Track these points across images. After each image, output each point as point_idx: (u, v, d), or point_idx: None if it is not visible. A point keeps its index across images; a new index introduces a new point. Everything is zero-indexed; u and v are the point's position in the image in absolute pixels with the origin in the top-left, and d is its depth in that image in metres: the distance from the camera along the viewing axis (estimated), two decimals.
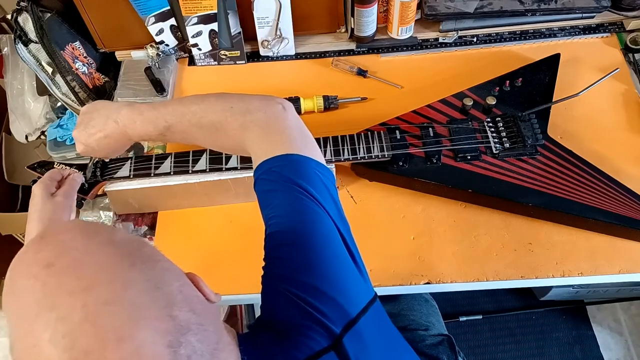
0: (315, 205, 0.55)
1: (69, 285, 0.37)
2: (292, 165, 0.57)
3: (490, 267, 0.79)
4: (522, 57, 1.00)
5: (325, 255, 0.53)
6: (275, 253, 0.55)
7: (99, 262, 0.39)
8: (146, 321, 0.37)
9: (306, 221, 0.54)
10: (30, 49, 0.93)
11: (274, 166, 0.57)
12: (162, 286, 0.41)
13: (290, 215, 0.55)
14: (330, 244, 0.54)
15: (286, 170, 0.56)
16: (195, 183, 0.81)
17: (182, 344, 0.38)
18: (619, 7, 1.01)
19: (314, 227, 0.54)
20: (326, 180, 0.58)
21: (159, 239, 0.85)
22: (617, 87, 0.95)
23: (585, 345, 1.46)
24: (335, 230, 0.55)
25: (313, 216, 0.54)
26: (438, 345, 0.86)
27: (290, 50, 1.03)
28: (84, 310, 0.36)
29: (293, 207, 0.55)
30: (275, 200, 0.57)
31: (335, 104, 0.95)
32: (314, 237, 0.53)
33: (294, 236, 0.54)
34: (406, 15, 0.97)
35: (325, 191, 0.57)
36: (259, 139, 0.60)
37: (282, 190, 0.56)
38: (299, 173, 0.56)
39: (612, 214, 0.77)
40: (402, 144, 0.82)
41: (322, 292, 0.50)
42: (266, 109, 0.61)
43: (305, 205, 0.55)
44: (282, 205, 0.56)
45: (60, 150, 1.00)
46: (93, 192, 0.82)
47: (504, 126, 0.85)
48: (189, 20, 0.96)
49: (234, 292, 0.79)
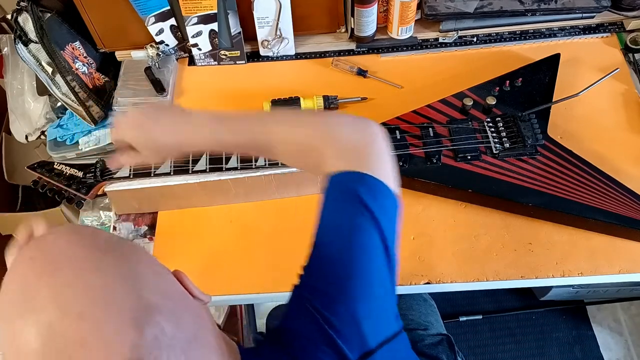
0: (372, 228, 0.53)
1: (40, 269, 0.39)
2: (367, 184, 0.55)
3: (490, 267, 0.79)
4: (522, 57, 1.00)
5: (364, 280, 0.51)
6: (314, 264, 0.54)
7: (73, 251, 0.40)
8: (110, 299, 0.38)
9: (357, 241, 0.52)
10: (30, 49, 0.93)
11: (349, 179, 0.56)
12: (134, 274, 0.41)
13: (343, 230, 0.53)
14: (374, 270, 0.52)
15: (359, 186, 0.55)
16: (195, 183, 0.81)
17: (149, 324, 0.38)
18: (619, 7, 1.01)
19: (363, 249, 0.52)
20: (393, 210, 0.56)
21: (159, 239, 0.85)
22: (617, 87, 0.95)
23: (585, 345, 1.46)
24: (383, 256, 0.53)
25: (366, 238, 0.52)
26: (437, 345, 0.86)
27: (290, 50, 1.03)
28: (49, 291, 0.37)
29: (349, 222, 0.53)
30: (333, 212, 0.55)
31: (335, 104, 0.95)
32: (359, 258, 0.52)
33: (339, 252, 0.52)
34: (406, 15, 0.97)
35: (388, 219, 0.55)
36: (342, 154, 0.58)
37: (345, 202, 0.55)
38: (371, 193, 0.55)
39: (612, 214, 0.77)
40: (402, 144, 0.82)
41: (349, 315, 0.49)
42: (362, 130, 0.60)
43: (361, 225, 0.53)
44: (338, 218, 0.55)
45: (60, 150, 1.00)
46: (93, 192, 0.82)
47: (504, 126, 0.85)
48: (189, 20, 0.96)
49: (233, 292, 0.79)
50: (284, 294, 0.80)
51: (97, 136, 1.00)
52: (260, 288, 0.79)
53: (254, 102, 0.96)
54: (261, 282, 0.79)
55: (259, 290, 0.79)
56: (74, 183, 0.81)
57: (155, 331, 0.38)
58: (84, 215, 1.06)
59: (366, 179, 0.55)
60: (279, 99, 0.95)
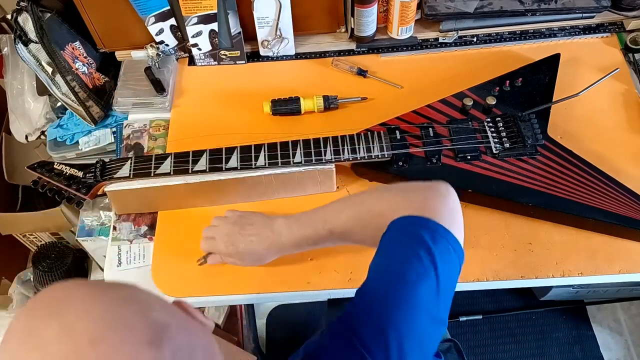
0: (430, 273, 0.53)
1: (47, 310, 0.38)
2: (431, 228, 0.56)
3: (490, 267, 0.79)
4: (522, 57, 1.00)
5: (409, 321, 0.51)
6: (363, 302, 0.54)
7: (78, 290, 0.40)
8: (122, 324, 0.37)
9: (408, 282, 0.52)
10: (30, 49, 0.93)
11: (412, 223, 0.56)
12: (138, 299, 0.41)
13: (397, 270, 0.53)
14: (421, 311, 0.52)
15: (422, 229, 0.55)
16: (195, 183, 0.81)
17: (164, 341, 0.38)
18: (619, 7, 1.01)
19: (414, 291, 0.52)
20: (455, 260, 0.56)
21: (159, 239, 0.85)
22: (617, 87, 0.95)
23: (585, 345, 1.46)
24: (433, 300, 0.52)
25: (419, 283, 0.52)
26: (447, 352, 0.86)
27: (290, 50, 1.03)
28: (59, 326, 0.36)
29: (405, 265, 0.53)
30: (391, 252, 0.56)
31: (335, 104, 0.95)
32: (408, 301, 0.51)
33: (386, 293, 0.52)
34: (406, 15, 0.97)
35: (448, 267, 0.55)
36: (408, 205, 0.60)
37: (404, 242, 0.55)
38: (433, 237, 0.55)
39: (612, 214, 0.77)
40: (402, 144, 0.82)
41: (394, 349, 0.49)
42: (431, 187, 0.62)
43: (416, 268, 0.53)
44: (394, 257, 0.55)
45: (60, 150, 1.01)
46: (93, 192, 0.82)
47: (504, 126, 0.85)
48: (189, 20, 0.96)
49: (233, 292, 0.79)
50: (284, 294, 0.80)
51: (97, 136, 1.00)
52: (260, 288, 0.79)
53: (254, 102, 0.97)
54: (261, 282, 0.79)
55: (259, 290, 0.79)
56: (74, 183, 0.81)
57: (172, 347, 0.38)
58: (84, 215, 1.06)
59: (430, 224, 0.55)
60: (279, 99, 0.95)
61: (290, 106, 0.94)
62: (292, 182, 0.83)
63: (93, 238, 1.06)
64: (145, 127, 0.97)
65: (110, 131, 1.00)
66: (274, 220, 0.71)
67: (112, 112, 1.02)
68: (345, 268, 0.79)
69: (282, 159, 0.80)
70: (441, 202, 0.60)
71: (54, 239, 1.37)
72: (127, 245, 0.85)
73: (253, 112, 0.96)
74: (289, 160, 0.80)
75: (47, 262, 1.28)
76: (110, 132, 1.00)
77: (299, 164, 0.80)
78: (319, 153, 0.81)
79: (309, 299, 0.81)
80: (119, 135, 0.97)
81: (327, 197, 0.86)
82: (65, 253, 1.30)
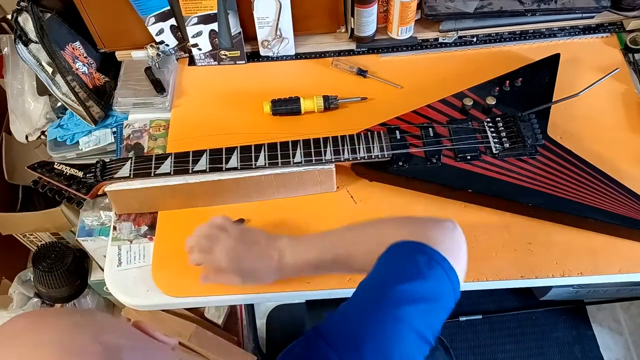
0: (416, 294, 0.52)
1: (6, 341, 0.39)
2: (428, 254, 0.55)
3: (490, 267, 0.79)
4: (522, 57, 1.00)
5: (380, 339, 0.50)
6: (345, 314, 0.54)
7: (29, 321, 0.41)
8: (72, 350, 0.38)
9: (395, 300, 0.51)
10: (30, 49, 0.93)
11: (412, 246, 0.56)
12: (90, 322, 0.42)
13: (384, 286, 0.53)
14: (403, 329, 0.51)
15: (419, 253, 0.55)
16: (195, 183, 0.81)
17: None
18: (619, 7, 1.01)
19: (398, 309, 0.51)
20: (448, 286, 0.55)
21: (159, 239, 0.85)
22: (617, 87, 0.95)
23: (585, 345, 1.46)
24: (418, 320, 0.52)
25: (405, 303, 0.51)
26: (434, 351, 0.86)
27: (290, 50, 1.03)
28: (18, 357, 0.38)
29: (395, 284, 0.52)
30: (383, 269, 0.55)
31: (335, 104, 0.95)
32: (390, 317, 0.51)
33: (369, 308, 0.52)
34: (406, 15, 0.97)
35: (439, 293, 0.54)
36: (411, 233, 0.59)
37: (399, 263, 0.54)
38: (429, 263, 0.54)
39: (612, 214, 0.77)
40: (402, 144, 0.82)
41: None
42: (435, 223, 0.62)
43: (406, 288, 0.52)
44: (385, 275, 0.54)
45: (61, 150, 1.01)
46: (93, 192, 0.82)
47: (503, 126, 0.85)
48: (189, 20, 0.96)
49: (233, 292, 0.79)
50: (284, 294, 0.80)
51: (97, 136, 1.00)
52: (260, 288, 0.79)
53: (254, 102, 0.97)
54: None
55: (259, 290, 0.79)
56: (74, 183, 0.81)
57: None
58: (84, 215, 1.06)
59: (427, 249, 0.55)
60: (279, 99, 0.95)
61: (290, 106, 0.94)
62: (292, 182, 0.83)
63: (93, 238, 1.06)
64: (146, 127, 0.97)
65: (110, 131, 1.00)
66: (278, 240, 0.70)
67: (112, 112, 1.02)
68: None
69: (282, 159, 0.80)
70: (444, 234, 0.60)
71: (54, 239, 1.37)
72: (127, 245, 0.85)
73: (253, 112, 0.96)
74: (289, 160, 0.80)
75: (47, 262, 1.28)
76: (111, 132, 1.00)
77: (299, 164, 0.80)
78: (319, 153, 0.81)
79: (309, 299, 0.81)
80: (119, 135, 0.98)
81: (327, 197, 0.86)
82: (65, 253, 1.30)
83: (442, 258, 0.56)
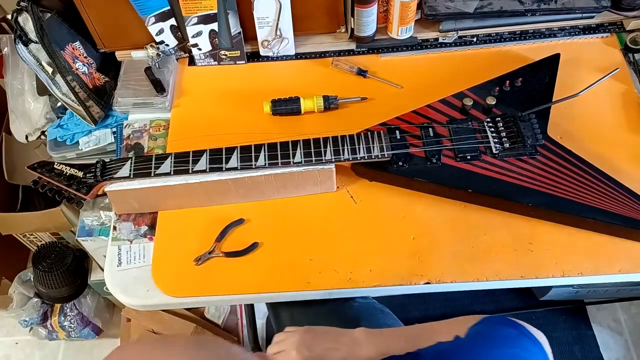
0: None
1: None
2: (517, 327, 0.59)
3: (490, 267, 0.79)
4: (522, 57, 1.00)
5: None
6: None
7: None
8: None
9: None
10: (30, 49, 0.93)
11: (501, 321, 0.61)
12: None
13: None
14: None
15: (508, 327, 0.59)
16: (195, 183, 0.81)
17: None
18: (619, 7, 1.01)
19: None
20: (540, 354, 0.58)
21: (159, 239, 0.85)
22: (617, 87, 0.95)
23: (585, 345, 1.46)
24: None
25: None
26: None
27: (290, 50, 1.03)
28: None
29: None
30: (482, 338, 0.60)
31: (335, 104, 0.95)
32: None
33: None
34: (406, 15, 0.97)
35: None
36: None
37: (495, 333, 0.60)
38: (519, 335, 0.58)
39: (613, 214, 0.77)
40: (402, 144, 0.82)
41: None
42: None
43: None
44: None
45: (60, 150, 1.01)
46: (93, 192, 0.82)
47: (503, 126, 0.85)
48: (189, 20, 0.96)
49: (234, 292, 0.79)
50: (284, 294, 0.80)
51: (97, 136, 1.00)
52: (260, 288, 0.79)
53: (254, 102, 0.97)
54: (261, 282, 0.79)
55: (259, 290, 0.79)
56: (74, 183, 0.81)
57: None
58: (84, 215, 1.06)
59: (517, 324, 0.59)
60: (279, 99, 0.95)
61: (290, 106, 0.94)
62: (292, 182, 0.83)
63: (93, 238, 1.06)
64: (146, 127, 0.97)
65: (110, 131, 1.00)
66: (350, 330, 0.69)
67: (112, 112, 1.02)
68: (345, 268, 0.79)
69: (282, 159, 0.80)
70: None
71: (54, 239, 1.37)
72: (127, 245, 0.85)
73: (253, 112, 0.96)
74: (289, 160, 0.80)
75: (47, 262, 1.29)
76: (111, 132, 1.00)
77: (299, 164, 0.81)
78: (319, 153, 0.81)
79: (308, 299, 0.81)
80: (119, 135, 0.98)
81: (327, 197, 0.86)
82: (65, 253, 1.30)
83: (530, 332, 0.59)
